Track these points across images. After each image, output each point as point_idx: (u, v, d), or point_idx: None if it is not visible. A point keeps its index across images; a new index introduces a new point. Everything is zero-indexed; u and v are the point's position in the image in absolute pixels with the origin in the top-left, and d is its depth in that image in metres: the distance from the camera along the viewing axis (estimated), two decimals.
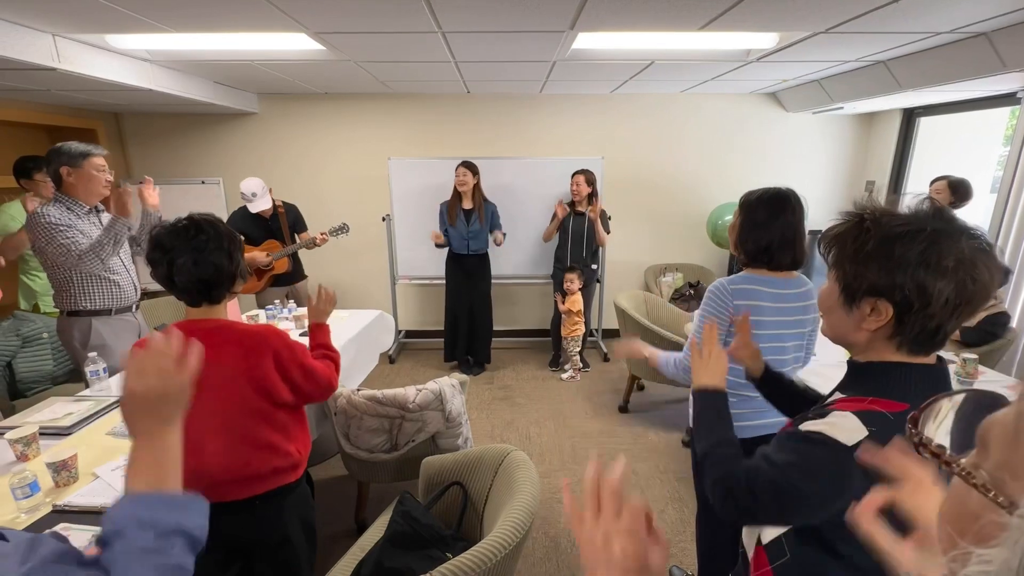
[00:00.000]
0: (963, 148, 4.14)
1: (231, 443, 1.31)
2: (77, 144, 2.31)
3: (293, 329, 2.90)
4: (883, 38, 2.62)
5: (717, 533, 1.75)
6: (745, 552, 1.02)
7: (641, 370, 3.46)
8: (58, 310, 2.44)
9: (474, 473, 1.76)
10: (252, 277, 3.47)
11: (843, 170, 4.71)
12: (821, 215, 4.56)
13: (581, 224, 3.99)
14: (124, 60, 2.91)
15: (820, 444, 0.80)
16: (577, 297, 3.96)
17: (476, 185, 3.88)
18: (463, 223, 3.91)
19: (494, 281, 4.23)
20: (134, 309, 2.57)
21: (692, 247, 4.87)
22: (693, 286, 4.68)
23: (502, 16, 2.26)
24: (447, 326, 4.22)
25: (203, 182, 4.62)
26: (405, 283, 4.69)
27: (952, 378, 2.16)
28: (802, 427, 0.85)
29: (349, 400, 2.12)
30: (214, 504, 1.33)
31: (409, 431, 2.15)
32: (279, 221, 3.59)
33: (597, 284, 4.38)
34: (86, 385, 2.16)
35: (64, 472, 1.45)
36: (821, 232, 0.90)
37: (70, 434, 1.76)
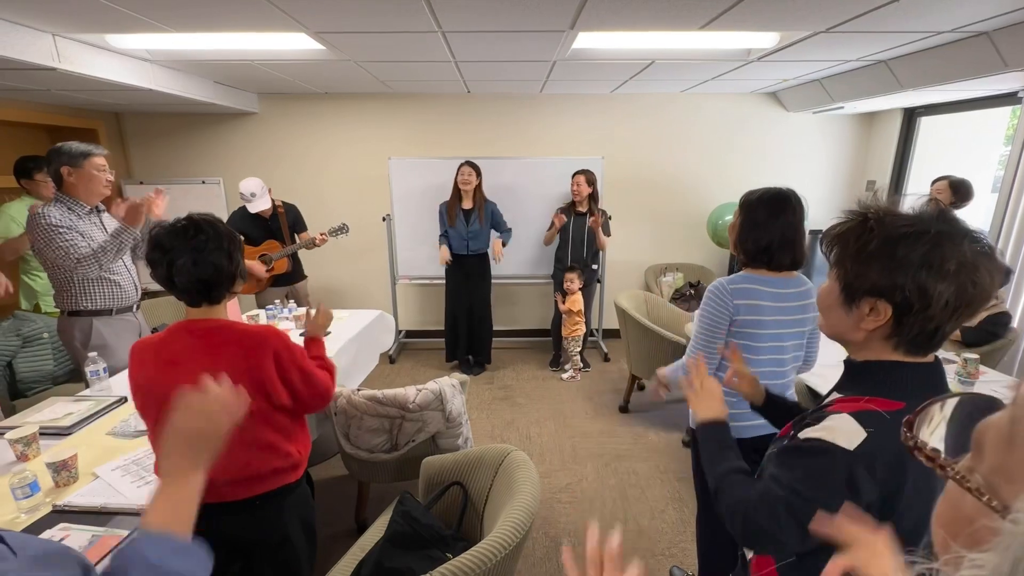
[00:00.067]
0: (964, 148, 4.14)
1: (231, 443, 1.30)
2: (78, 144, 2.31)
3: (293, 329, 2.90)
4: (884, 37, 2.61)
5: (717, 533, 1.75)
6: (744, 554, 1.02)
7: (642, 370, 3.46)
8: (59, 310, 2.44)
9: (474, 473, 1.76)
10: (252, 278, 3.47)
11: (843, 170, 4.70)
12: (821, 215, 4.55)
13: (582, 224, 3.99)
14: (124, 60, 2.91)
15: (823, 453, 0.80)
16: (577, 297, 3.96)
17: (477, 185, 3.89)
18: (463, 223, 3.91)
19: (494, 281, 4.23)
20: (135, 309, 2.57)
21: (692, 247, 4.87)
22: (693, 286, 4.68)
23: (502, 16, 2.26)
24: (447, 326, 4.22)
25: (203, 182, 4.62)
26: (405, 283, 4.69)
27: (953, 378, 2.17)
28: (801, 435, 0.84)
29: (349, 400, 2.12)
30: (214, 504, 1.33)
31: (409, 431, 2.15)
32: (279, 221, 3.59)
33: (597, 284, 4.38)
34: (86, 385, 2.17)
35: (64, 472, 1.45)
36: (822, 232, 0.90)
37: (70, 434, 1.76)
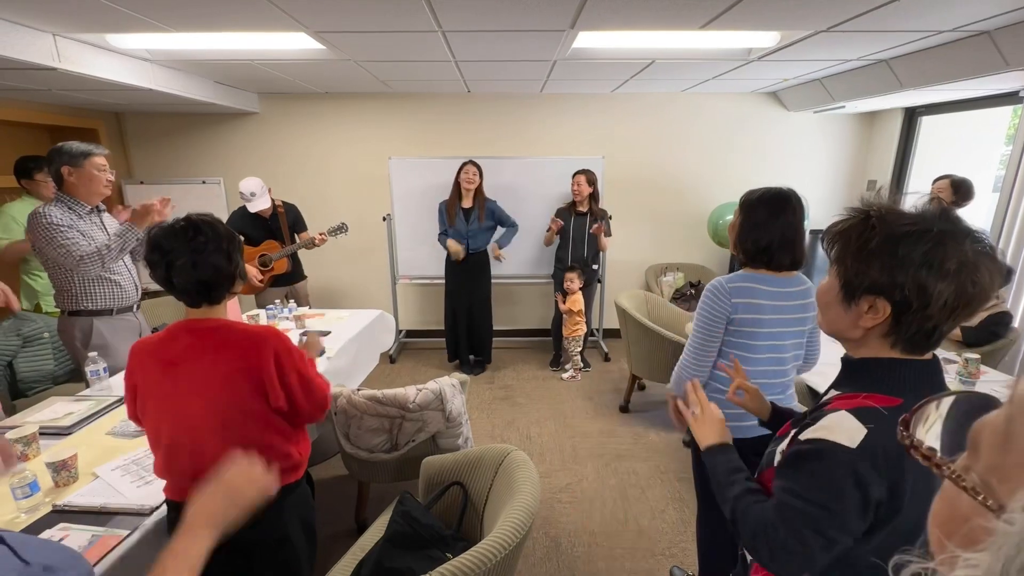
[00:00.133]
0: (965, 147, 4.13)
1: (230, 444, 1.30)
2: (78, 144, 2.31)
3: (293, 328, 2.90)
4: (884, 37, 2.61)
5: (717, 533, 1.75)
6: (745, 554, 1.02)
7: (643, 370, 3.46)
8: (59, 310, 2.44)
9: (474, 473, 1.76)
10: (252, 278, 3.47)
11: (844, 169, 4.70)
12: (822, 215, 4.55)
13: (582, 224, 3.99)
14: (125, 60, 2.91)
15: (828, 455, 0.79)
16: (578, 297, 3.96)
17: (478, 185, 3.89)
18: (463, 222, 3.90)
19: (494, 281, 4.23)
20: (135, 309, 2.57)
21: (693, 247, 4.87)
22: (694, 285, 4.67)
23: (502, 15, 2.26)
24: (447, 326, 4.22)
25: (204, 182, 4.62)
26: (406, 283, 4.69)
27: (954, 378, 2.17)
28: (802, 436, 0.84)
29: (349, 400, 2.12)
30: None
31: (409, 431, 2.15)
32: (279, 221, 3.59)
33: (598, 284, 4.38)
34: (87, 385, 2.17)
35: (64, 472, 1.46)
36: (823, 231, 0.90)
37: (70, 434, 1.76)
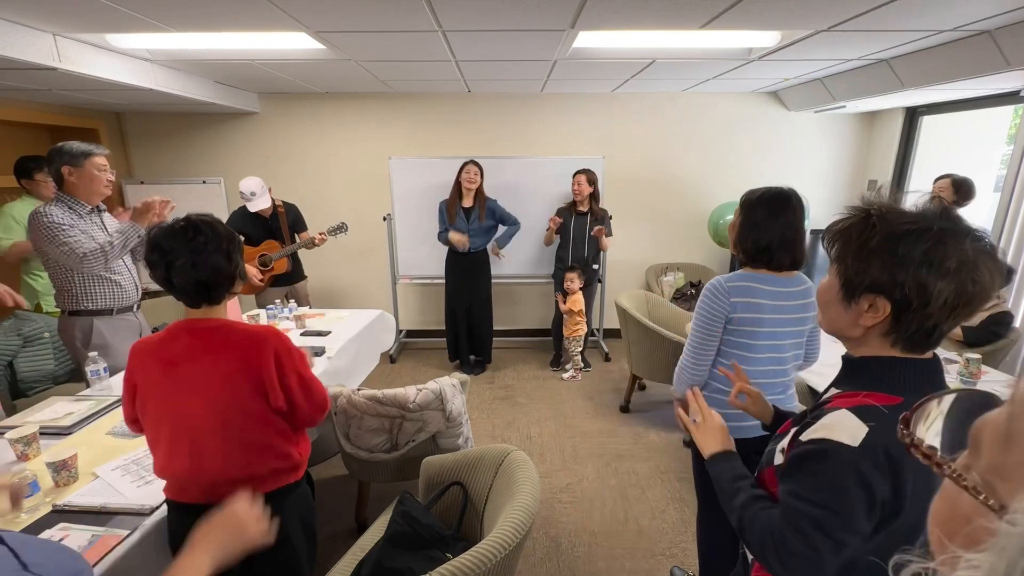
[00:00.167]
0: (966, 147, 4.12)
1: (230, 444, 1.31)
2: (78, 143, 2.31)
3: (293, 328, 2.90)
4: (885, 36, 2.60)
5: (718, 533, 1.75)
6: (745, 553, 1.02)
7: (643, 370, 3.45)
8: (59, 310, 2.44)
9: (474, 473, 1.75)
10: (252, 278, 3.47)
11: (845, 169, 4.69)
12: (823, 215, 4.54)
13: (583, 224, 3.98)
14: (125, 60, 2.91)
15: (832, 455, 0.79)
16: (578, 297, 3.95)
17: (479, 185, 3.89)
18: (463, 221, 3.90)
19: (495, 281, 4.22)
20: (135, 309, 2.57)
21: (693, 246, 4.86)
22: (695, 285, 4.67)
23: (502, 15, 2.25)
24: (447, 325, 4.22)
25: (204, 182, 4.62)
26: (406, 283, 4.69)
27: (955, 378, 2.17)
28: (804, 437, 0.84)
29: (349, 400, 2.12)
30: (215, 505, 1.33)
31: (409, 431, 2.15)
32: (279, 221, 3.59)
33: (598, 284, 4.37)
34: (87, 385, 2.17)
35: (64, 472, 1.45)
36: (824, 230, 0.90)
37: (70, 434, 1.76)
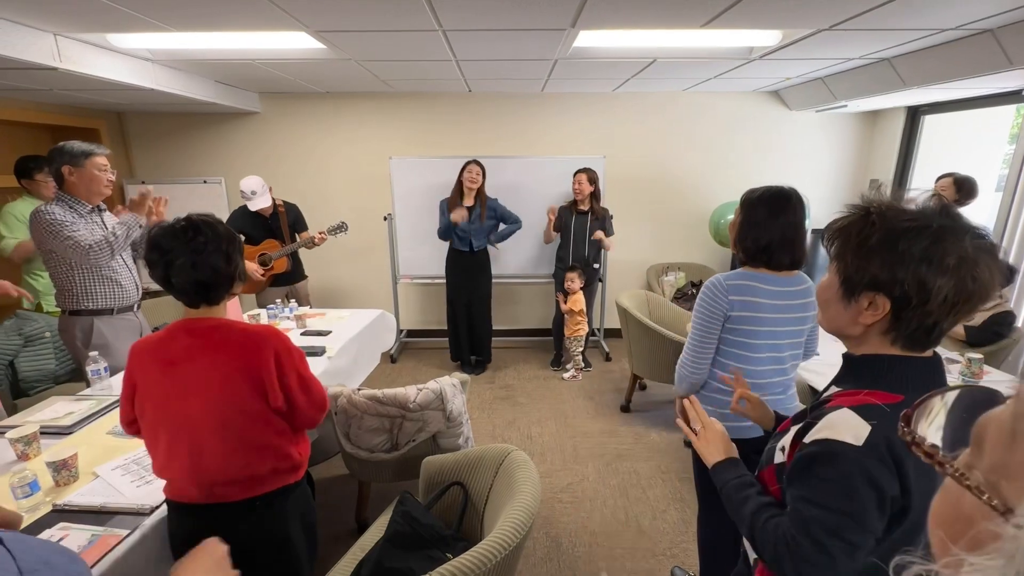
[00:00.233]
0: (968, 146, 4.11)
1: (230, 444, 1.31)
2: (79, 143, 2.31)
3: (294, 328, 2.90)
4: (887, 35, 2.60)
5: (718, 533, 1.74)
6: (747, 553, 1.02)
7: (644, 370, 3.45)
8: (60, 309, 2.44)
9: (475, 473, 1.75)
10: (249, 278, 3.47)
11: (846, 169, 4.68)
12: (824, 214, 4.53)
13: (583, 224, 3.98)
14: (126, 59, 2.91)
15: (838, 456, 0.78)
16: (579, 296, 3.95)
17: (480, 185, 3.89)
18: (464, 220, 3.89)
19: (495, 280, 4.22)
20: (135, 308, 2.57)
21: (694, 246, 4.86)
22: (695, 285, 4.66)
23: (503, 14, 2.25)
24: (449, 325, 4.21)
25: (205, 181, 4.62)
26: (407, 282, 4.69)
27: (957, 378, 2.16)
28: (807, 439, 0.83)
29: (350, 400, 2.12)
30: (215, 505, 1.33)
31: (410, 431, 2.15)
32: (279, 220, 3.59)
33: (599, 283, 4.37)
34: (87, 384, 2.17)
35: (64, 471, 1.45)
36: (824, 228, 0.89)
37: (71, 433, 1.76)
